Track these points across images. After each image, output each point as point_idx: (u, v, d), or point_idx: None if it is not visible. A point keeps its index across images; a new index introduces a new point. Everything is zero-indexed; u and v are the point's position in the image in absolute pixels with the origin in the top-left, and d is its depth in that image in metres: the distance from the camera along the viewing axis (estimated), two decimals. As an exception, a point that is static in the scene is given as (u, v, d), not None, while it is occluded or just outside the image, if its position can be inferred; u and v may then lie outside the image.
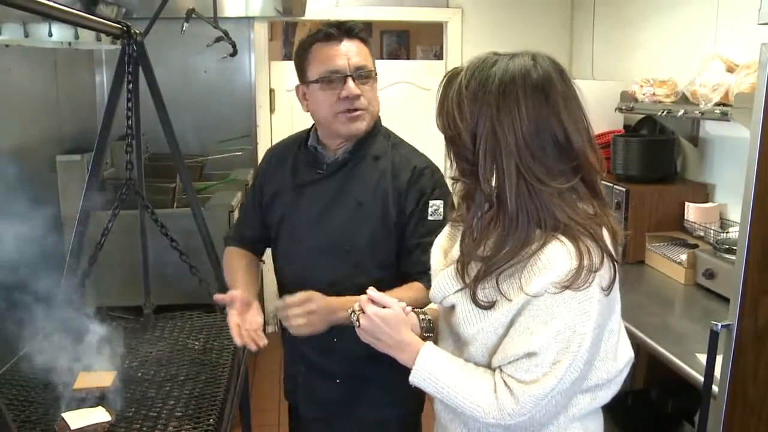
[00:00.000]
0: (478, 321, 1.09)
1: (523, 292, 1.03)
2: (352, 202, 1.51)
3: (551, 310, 1.02)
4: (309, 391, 1.65)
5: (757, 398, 1.44)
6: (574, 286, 1.01)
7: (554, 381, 1.02)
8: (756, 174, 1.39)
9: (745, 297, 1.44)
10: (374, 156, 1.55)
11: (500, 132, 1.02)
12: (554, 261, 1.01)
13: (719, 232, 2.50)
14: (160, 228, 1.80)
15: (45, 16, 1.33)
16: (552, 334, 1.02)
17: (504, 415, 1.06)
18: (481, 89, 1.04)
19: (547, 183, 1.03)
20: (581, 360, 1.03)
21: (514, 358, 1.05)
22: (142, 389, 1.42)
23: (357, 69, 1.48)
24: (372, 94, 1.52)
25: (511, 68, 1.05)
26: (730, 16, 2.63)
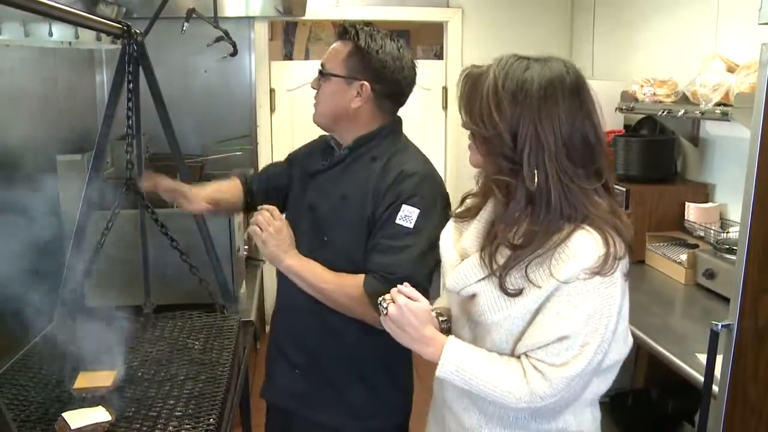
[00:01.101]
0: (505, 308, 1.12)
1: (553, 278, 1.08)
2: (338, 195, 1.54)
3: (581, 295, 1.07)
4: (273, 375, 1.68)
5: (757, 398, 1.44)
6: (602, 272, 1.07)
7: (585, 362, 1.08)
8: (756, 174, 1.39)
9: (745, 297, 1.44)
10: (372, 156, 1.55)
11: (542, 133, 1.09)
12: (583, 249, 1.07)
13: (719, 232, 2.50)
14: (160, 228, 1.80)
15: (45, 15, 1.33)
16: (583, 318, 1.07)
17: (535, 398, 1.10)
18: (521, 92, 1.10)
19: (578, 182, 1.10)
20: (607, 341, 1.10)
21: (544, 343, 1.09)
22: (142, 389, 1.42)
23: (320, 67, 1.56)
24: (323, 94, 1.56)
25: (547, 73, 1.12)
26: (730, 16, 2.63)
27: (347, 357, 1.55)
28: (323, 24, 5.41)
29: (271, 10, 3.72)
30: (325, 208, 1.55)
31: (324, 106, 1.57)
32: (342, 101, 1.53)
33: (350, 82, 1.52)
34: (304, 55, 5.54)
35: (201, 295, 1.89)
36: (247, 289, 2.46)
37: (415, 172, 1.50)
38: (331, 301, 1.48)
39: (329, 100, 1.55)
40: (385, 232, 1.46)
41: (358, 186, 1.52)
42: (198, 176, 2.96)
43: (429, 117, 4.19)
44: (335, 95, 1.54)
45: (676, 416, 2.33)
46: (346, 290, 1.45)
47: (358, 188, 1.52)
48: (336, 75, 1.53)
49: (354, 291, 1.44)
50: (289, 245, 1.51)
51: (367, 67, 1.51)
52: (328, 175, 1.58)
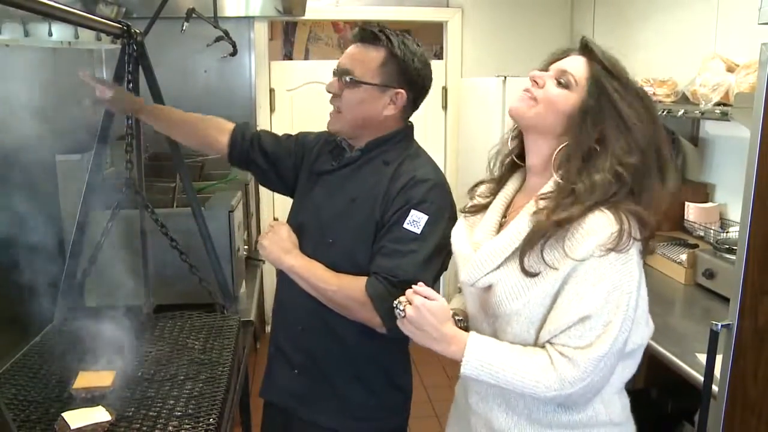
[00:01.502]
0: (523, 294, 1.12)
1: (569, 257, 1.07)
2: (347, 198, 1.52)
3: (598, 272, 1.07)
4: (271, 373, 1.67)
5: (757, 398, 1.44)
6: (617, 248, 1.06)
7: (610, 340, 1.07)
8: (756, 174, 1.39)
9: (745, 297, 1.44)
10: (384, 161, 1.54)
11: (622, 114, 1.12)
12: (597, 226, 1.07)
13: (719, 232, 2.50)
14: (160, 228, 1.80)
15: (45, 15, 1.33)
16: (603, 296, 1.07)
17: (565, 384, 1.09)
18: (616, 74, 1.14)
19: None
20: (630, 319, 1.08)
21: (567, 326, 1.08)
22: (142, 389, 1.42)
23: (341, 71, 1.50)
24: (349, 99, 1.49)
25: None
26: (730, 16, 2.63)
27: (346, 358, 1.54)
28: (323, 24, 5.41)
29: (270, 10, 3.73)
30: (333, 209, 1.53)
31: (351, 114, 1.50)
32: (373, 109, 1.50)
33: (384, 90, 1.48)
34: (304, 55, 5.54)
35: (201, 295, 1.89)
36: (247, 289, 2.46)
37: (428, 179, 1.48)
38: (332, 302, 1.46)
39: (357, 108, 1.49)
40: (391, 236, 1.45)
41: (368, 189, 1.51)
42: (198, 176, 2.96)
43: (429, 117, 4.19)
44: (365, 103, 1.49)
45: (676, 416, 2.33)
46: (347, 292, 1.44)
47: (367, 192, 1.51)
48: (368, 83, 1.47)
49: (355, 293, 1.42)
50: (290, 245, 1.51)
51: (404, 76, 1.49)
52: (338, 176, 1.56)
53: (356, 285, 1.43)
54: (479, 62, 4.13)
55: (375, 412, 1.59)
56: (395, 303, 1.19)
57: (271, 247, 1.50)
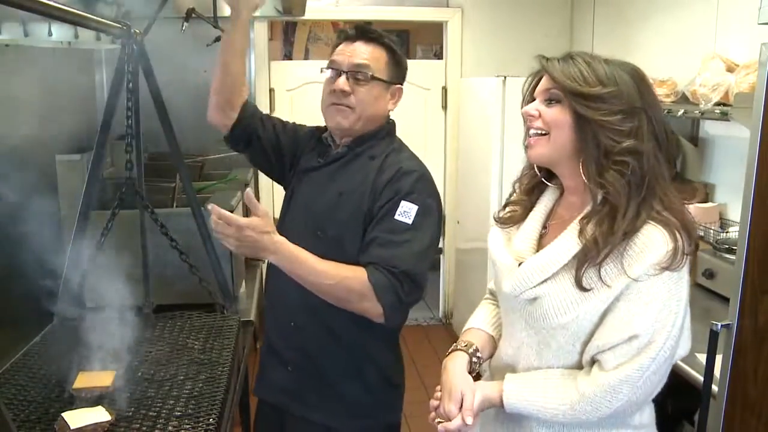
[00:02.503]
0: (573, 309, 1.12)
1: (625, 275, 1.08)
2: (335, 192, 1.54)
3: (651, 292, 1.07)
4: (264, 370, 1.67)
5: (757, 398, 1.44)
6: (671, 267, 1.07)
7: (648, 361, 1.08)
8: (756, 174, 1.39)
9: (744, 297, 1.44)
10: (370, 156, 1.56)
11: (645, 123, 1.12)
12: (653, 244, 1.07)
13: (719, 232, 2.50)
14: (160, 228, 1.80)
15: (45, 15, 1.33)
16: (653, 317, 1.07)
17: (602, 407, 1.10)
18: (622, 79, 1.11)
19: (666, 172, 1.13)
20: (673, 338, 1.09)
21: (615, 344, 1.08)
22: (142, 389, 1.42)
23: (354, 68, 1.51)
24: (366, 96, 1.52)
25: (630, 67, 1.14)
26: (730, 16, 2.63)
27: (341, 354, 1.54)
28: (323, 24, 5.41)
29: (270, 10, 3.72)
30: (321, 204, 1.55)
31: (365, 111, 1.53)
32: (383, 105, 1.57)
33: (389, 86, 1.56)
34: (304, 55, 5.54)
35: (201, 295, 1.89)
36: (247, 289, 2.46)
37: (414, 170, 1.51)
38: (329, 294, 1.42)
39: (373, 104, 1.54)
40: (383, 227, 1.46)
41: (355, 183, 1.53)
42: (198, 176, 2.97)
43: (429, 117, 4.19)
44: (378, 99, 1.55)
45: (675, 416, 2.32)
46: (347, 283, 1.40)
47: (355, 185, 1.53)
48: (382, 80, 1.53)
49: (355, 284, 1.39)
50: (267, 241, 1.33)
51: (402, 72, 1.59)
52: (324, 172, 1.58)
53: (356, 276, 1.41)
54: (479, 62, 4.13)
55: (370, 409, 1.59)
56: None
57: (242, 249, 1.34)
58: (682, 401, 2.28)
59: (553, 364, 1.17)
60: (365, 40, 1.53)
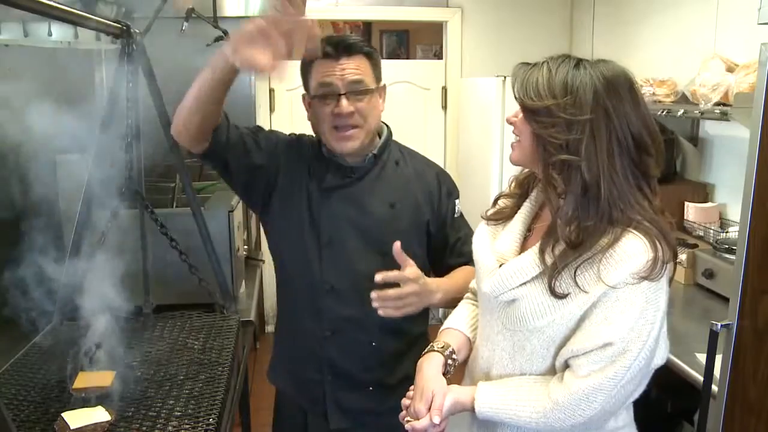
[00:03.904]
0: (549, 313, 1.12)
1: (602, 282, 1.07)
2: (385, 203, 1.54)
3: (629, 300, 1.07)
4: (337, 401, 1.59)
5: (757, 398, 1.44)
6: (650, 277, 1.06)
7: (623, 370, 1.07)
8: (756, 174, 1.39)
9: (744, 296, 1.44)
10: (395, 161, 1.61)
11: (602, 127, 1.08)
12: (632, 252, 1.06)
13: (719, 232, 2.50)
14: (160, 228, 1.80)
15: (45, 15, 1.32)
16: (629, 324, 1.07)
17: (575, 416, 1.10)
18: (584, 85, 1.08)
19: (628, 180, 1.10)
20: (649, 348, 1.09)
21: (589, 349, 1.08)
22: (142, 389, 1.42)
23: (351, 86, 1.49)
24: (369, 109, 1.51)
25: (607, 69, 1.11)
26: (730, 16, 2.63)
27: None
28: (323, 24, 5.41)
29: (270, 9, 3.73)
30: (373, 220, 1.53)
31: (371, 122, 1.54)
32: (378, 111, 1.58)
33: (377, 89, 1.56)
34: (304, 55, 5.54)
35: (200, 295, 1.89)
36: (247, 289, 2.46)
37: (442, 170, 1.70)
38: None
39: (375, 114, 1.55)
40: (455, 228, 1.64)
41: (402, 191, 1.57)
42: (198, 176, 2.97)
43: (429, 117, 4.20)
44: (376, 107, 1.56)
45: (675, 416, 2.32)
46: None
47: (403, 194, 1.57)
48: (373, 88, 1.53)
49: (470, 275, 1.48)
50: (431, 284, 1.45)
51: (379, 69, 1.58)
52: (358, 187, 1.55)
53: (471, 273, 1.48)
54: (479, 62, 4.13)
55: None
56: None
57: (418, 305, 1.42)
58: (682, 401, 2.29)
59: (526, 369, 1.17)
60: (348, 54, 1.50)
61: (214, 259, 1.88)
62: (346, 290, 1.54)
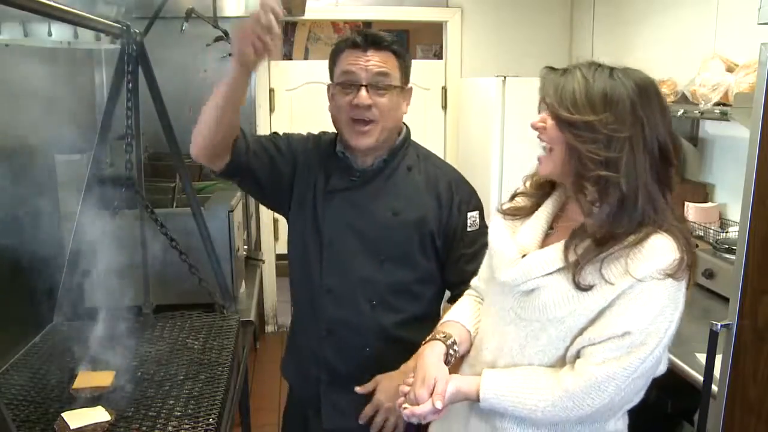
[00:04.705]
0: (570, 303, 1.12)
1: (629, 275, 1.08)
2: (388, 210, 1.52)
3: (652, 294, 1.08)
4: (332, 402, 1.59)
5: (757, 398, 1.44)
6: (674, 276, 1.08)
7: (637, 361, 1.09)
8: (756, 174, 1.39)
9: (744, 297, 1.44)
10: (407, 167, 1.57)
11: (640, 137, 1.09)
12: (661, 250, 1.09)
13: (719, 232, 2.50)
14: (160, 228, 1.80)
15: (44, 15, 1.33)
16: (650, 318, 1.08)
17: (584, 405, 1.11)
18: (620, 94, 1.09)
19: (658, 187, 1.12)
20: (663, 346, 1.11)
21: (608, 337, 1.09)
22: (142, 389, 1.42)
23: (374, 78, 1.47)
24: (388, 106, 1.49)
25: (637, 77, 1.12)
26: (730, 16, 2.63)
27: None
28: (322, 24, 5.41)
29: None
30: (373, 225, 1.52)
31: (388, 121, 1.50)
32: (400, 111, 1.54)
33: (402, 90, 1.53)
34: (304, 55, 5.55)
35: (200, 295, 1.89)
36: (247, 289, 2.46)
37: (460, 178, 1.60)
38: None
39: (394, 113, 1.52)
40: (463, 243, 1.55)
41: (407, 199, 1.53)
42: (198, 176, 2.97)
43: (429, 117, 4.19)
44: (397, 107, 1.53)
45: (675, 416, 2.32)
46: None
47: (407, 201, 1.53)
48: (398, 86, 1.51)
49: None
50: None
51: (409, 72, 1.55)
52: (363, 191, 1.53)
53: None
54: (479, 62, 4.13)
55: None
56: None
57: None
58: (682, 401, 2.28)
59: (536, 360, 1.17)
60: (376, 48, 1.48)
61: (214, 259, 1.88)
62: (342, 293, 1.54)
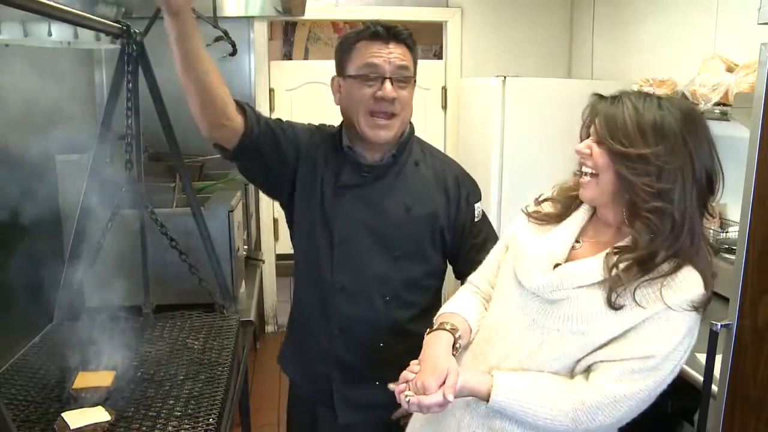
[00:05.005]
0: (597, 319, 1.13)
1: (662, 301, 1.11)
2: (401, 206, 1.52)
3: (678, 324, 1.12)
4: (346, 398, 1.59)
5: (756, 398, 1.44)
6: (699, 310, 1.14)
7: (653, 385, 1.12)
8: (755, 174, 1.39)
9: (744, 297, 1.44)
10: (415, 161, 1.58)
11: (689, 167, 1.12)
12: (694, 283, 1.13)
13: (719, 232, 2.50)
14: (160, 228, 1.80)
15: (44, 15, 1.32)
16: (672, 346, 1.12)
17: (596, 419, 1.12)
18: (671, 123, 1.13)
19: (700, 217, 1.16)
20: (674, 374, 1.15)
21: (629, 357, 1.11)
22: (142, 389, 1.42)
23: (397, 71, 1.47)
24: (407, 99, 1.51)
25: (684, 106, 1.17)
26: (730, 16, 2.63)
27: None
28: (322, 24, 5.42)
29: (270, 9, 3.72)
30: (387, 221, 1.52)
31: (407, 114, 1.53)
32: (412, 106, 1.56)
33: (415, 83, 1.55)
34: (304, 55, 5.55)
35: (200, 294, 1.89)
36: (247, 289, 2.46)
37: (463, 172, 1.64)
38: None
39: (410, 108, 1.54)
40: (472, 233, 1.61)
41: (418, 194, 1.54)
42: (198, 176, 2.97)
43: (429, 117, 4.19)
44: (411, 101, 1.55)
45: (675, 416, 2.32)
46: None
47: (419, 197, 1.54)
48: (415, 79, 1.53)
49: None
50: None
51: (417, 66, 1.56)
52: (375, 186, 1.53)
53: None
54: (479, 62, 4.13)
55: None
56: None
57: None
58: (681, 401, 2.28)
59: (546, 367, 1.17)
60: (396, 40, 1.49)
61: (214, 259, 1.88)
62: (356, 291, 1.53)
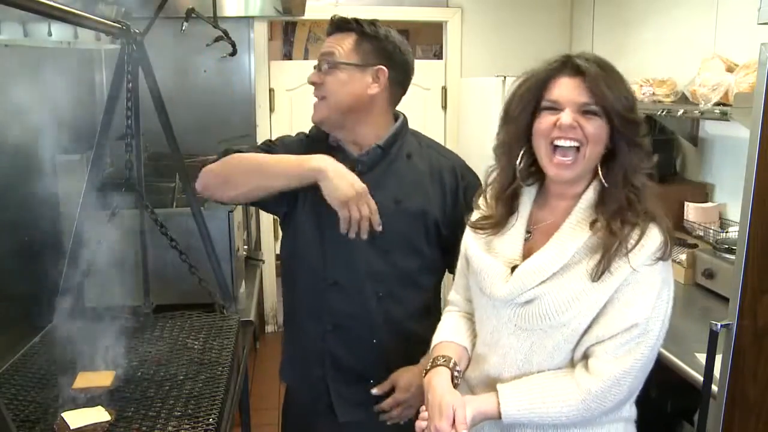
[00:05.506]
0: (572, 306, 1.13)
1: (628, 265, 1.11)
2: (390, 199, 1.50)
3: (648, 282, 1.12)
4: (344, 396, 1.58)
5: (756, 398, 1.44)
6: (663, 257, 1.13)
7: (647, 350, 1.11)
8: (755, 174, 1.39)
9: (744, 297, 1.44)
10: (407, 154, 1.56)
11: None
12: (650, 237, 1.12)
13: (719, 232, 2.50)
14: (160, 228, 1.80)
15: (45, 15, 1.33)
16: (650, 304, 1.12)
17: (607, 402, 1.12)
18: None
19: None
20: (665, 328, 1.15)
21: (616, 332, 1.11)
22: (142, 389, 1.42)
23: (321, 57, 1.52)
24: (333, 83, 1.49)
25: None
26: (730, 16, 2.63)
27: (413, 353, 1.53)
28: (322, 24, 5.40)
29: (270, 9, 3.73)
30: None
31: (336, 98, 1.49)
32: (357, 89, 1.48)
33: (364, 69, 1.48)
34: (303, 55, 5.54)
35: (200, 294, 1.89)
36: (247, 289, 2.46)
37: (462, 164, 1.62)
38: None
39: (341, 91, 1.48)
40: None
41: (409, 187, 1.52)
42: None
43: (429, 117, 4.20)
44: (348, 84, 1.48)
45: (675, 416, 2.32)
46: None
47: (410, 190, 1.52)
48: (347, 63, 1.48)
49: None
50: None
51: (381, 52, 1.50)
52: (366, 181, 1.48)
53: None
54: (479, 62, 4.13)
55: None
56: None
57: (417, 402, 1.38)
58: (681, 401, 2.29)
59: (544, 366, 1.17)
60: (337, 31, 1.53)
61: (214, 259, 1.88)
62: (349, 286, 1.53)
